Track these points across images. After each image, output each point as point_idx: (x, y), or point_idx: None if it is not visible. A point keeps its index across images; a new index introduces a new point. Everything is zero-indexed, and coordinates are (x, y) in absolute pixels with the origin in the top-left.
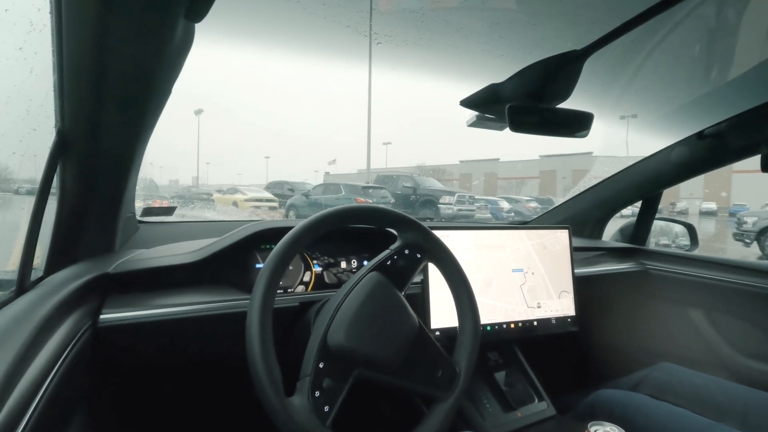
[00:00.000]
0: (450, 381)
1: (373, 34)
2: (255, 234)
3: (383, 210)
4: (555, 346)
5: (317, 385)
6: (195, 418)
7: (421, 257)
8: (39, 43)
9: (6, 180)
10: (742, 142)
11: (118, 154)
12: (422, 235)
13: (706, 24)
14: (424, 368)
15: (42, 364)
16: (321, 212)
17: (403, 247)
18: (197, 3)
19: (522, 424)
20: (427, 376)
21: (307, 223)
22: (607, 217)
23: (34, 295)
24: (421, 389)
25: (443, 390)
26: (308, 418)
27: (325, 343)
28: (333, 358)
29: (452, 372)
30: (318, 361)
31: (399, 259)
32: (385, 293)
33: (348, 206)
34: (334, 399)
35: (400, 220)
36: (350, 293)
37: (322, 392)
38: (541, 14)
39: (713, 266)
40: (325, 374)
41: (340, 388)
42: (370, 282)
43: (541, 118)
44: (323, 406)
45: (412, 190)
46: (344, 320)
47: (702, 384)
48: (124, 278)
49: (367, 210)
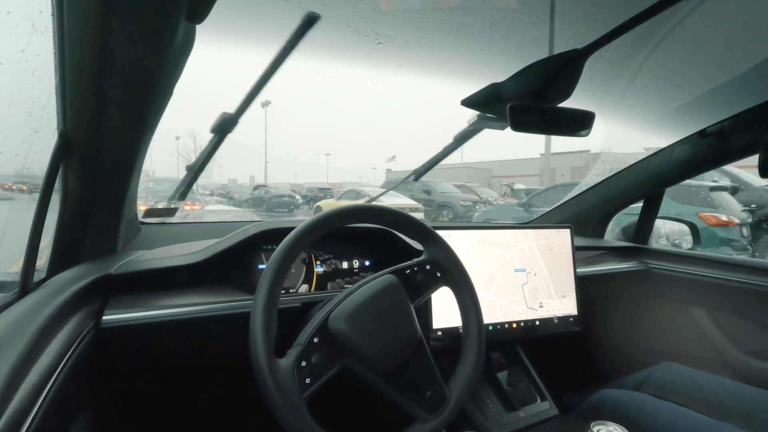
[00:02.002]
0: (436, 405)
1: (374, 34)
2: (257, 234)
3: (414, 220)
4: (557, 346)
5: (306, 356)
6: (199, 419)
7: (440, 276)
8: (41, 45)
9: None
10: (745, 140)
11: (120, 156)
12: (447, 255)
13: (708, 22)
14: (414, 383)
15: (45, 366)
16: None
17: (425, 262)
18: (198, 4)
19: (525, 424)
20: (414, 392)
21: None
22: (609, 216)
23: (37, 297)
24: (405, 404)
25: (427, 411)
26: (287, 381)
27: (325, 321)
28: (328, 338)
29: (441, 396)
30: (313, 336)
31: (419, 271)
32: (395, 295)
33: (379, 207)
34: (318, 376)
35: (428, 235)
36: (363, 286)
37: (308, 364)
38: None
39: (716, 265)
40: (316, 349)
41: (326, 369)
42: (384, 281)
43: (543, 118)
44: (305, 378)
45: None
46: (349, 307)
47: (705, 383)
48: (126, 279)
49: (399, 216)
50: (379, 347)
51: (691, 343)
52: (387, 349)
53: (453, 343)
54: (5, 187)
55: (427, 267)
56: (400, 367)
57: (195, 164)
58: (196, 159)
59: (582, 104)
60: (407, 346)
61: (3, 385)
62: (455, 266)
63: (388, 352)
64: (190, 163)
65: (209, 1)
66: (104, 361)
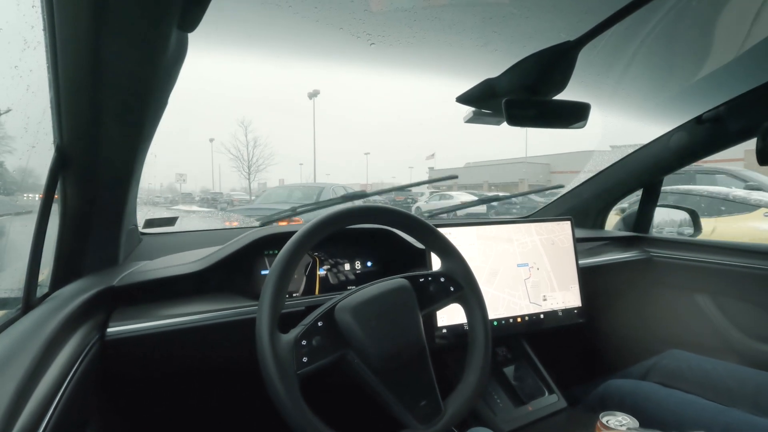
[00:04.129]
0: (429, 416)
1: (366, 35)
2: (258, 240)
3: (436, 232)
4: (563, 339)
5: (308, 336)
6: (206, 427)
7: (453, 291)
8: (34, 60)
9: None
10: (741, 124)
11: (117, 167)
12: (464, 271)
13: (699, 7)
14: (409, 389)
15: (52, 380)
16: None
17: (441, 274)
18: (189, 13)
19: (533, 418)
20: (407, 399)
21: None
22: (609, 207)
23: (41, 312)
24: (396, 407)
25: (418, 421)
26: (285, 354)
27: (332, 309)
28: (332, 325)
29: (436, 408)
30: (319, 320)
31: (433, 282)
32: (404, 299)
33: (399, 210)
34: (316, 358)
35: (447, 248)
36: (375, 284)
37: (308, 344)
38: (534, 6)
39: (718, 250)
40: (319, 333)
41: (325, 354)
42: (397, 284)
43: (538, 111)
44: (303, 356)
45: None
46: (357, 300)
47: (712, 369)
48: (129, 291)
49: (421, 225)
50: (380, 345)
51: (695, 330)
52: (388, 349)
53: (458, 341)
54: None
55: (442, 279)
56: (398, 370)
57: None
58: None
59: (577, 96)
60: (408, 350)
61: (12, 400)
62: (470, 283)
63: (389, 352)
64: (243, 155)
65: (201, 9)
66: (110, 373)
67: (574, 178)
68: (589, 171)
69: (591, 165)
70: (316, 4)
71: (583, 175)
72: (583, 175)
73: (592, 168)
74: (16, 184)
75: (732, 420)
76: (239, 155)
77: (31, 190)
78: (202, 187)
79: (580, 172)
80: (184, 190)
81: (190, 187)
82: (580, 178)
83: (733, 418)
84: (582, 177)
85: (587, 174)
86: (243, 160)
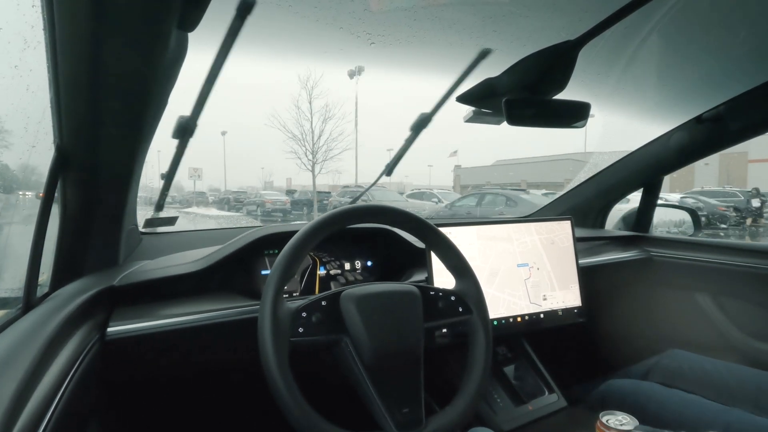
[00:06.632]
0: (408, 425)
1: (366, 35)
2: (259, 240)
3: (455, 249)
4: (563, 338)
5: (309, 310)
6: (206, 428)
7: (462, 312)
8: (34, 60)
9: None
10: (741, 124)
11: (117, 167)
12: (476, 294)
13: (699, 7)
14: (394, 393)
15: (52, 380)
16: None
17: (452, 293)
18: (189, 13)
19: (534, 417)
20: (390, 402)
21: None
22: (609, 206)
23: (41, 312)
24: (376, 407)
25: (396, 426)
26: (283, 319)
27: (338, 294)
28: (335, 308)
29: (417, 420)
30: (323, 299)
31: (443, 298)
32: (411, 304)
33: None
34: (311, 332)
35: (464, 269)
36: (385, 282)
37: (308, 318)
38: (534, 6)
39: (718, 250)
40: (320, 311)
41: (320, 332)
42: (407, 288)
43: (538, 111)
44: (299, 327)
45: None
46: (364, 291)
47: (712, 369)
48: (129, 290)
49: (441, 239)
50: (377, 340)
51: (696, 330)
52: (383, 346)
53: (458, 339)
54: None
55: (452, 298)
56: (388, 371)
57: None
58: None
59: (577, 95)
60: (404, 355)
61: (12, 400)
62: (479, 307)
63: (383, 350)
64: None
65: (201, 9)
66: (111, 372)
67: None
68: (589, 170)
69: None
70: (316, 4)
71: (583, 175)
72: (583, 175)
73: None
74: (16, 182)
75: (733, 419)
76: (302, 134)
77: (33, 190)
78: (210, 186)
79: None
80: (198, 188)
81: (200, 185)
82: (580, 177)
83: (733, 417)
84: (582, 176)
85: (587, 173)
86: (305, 142)
